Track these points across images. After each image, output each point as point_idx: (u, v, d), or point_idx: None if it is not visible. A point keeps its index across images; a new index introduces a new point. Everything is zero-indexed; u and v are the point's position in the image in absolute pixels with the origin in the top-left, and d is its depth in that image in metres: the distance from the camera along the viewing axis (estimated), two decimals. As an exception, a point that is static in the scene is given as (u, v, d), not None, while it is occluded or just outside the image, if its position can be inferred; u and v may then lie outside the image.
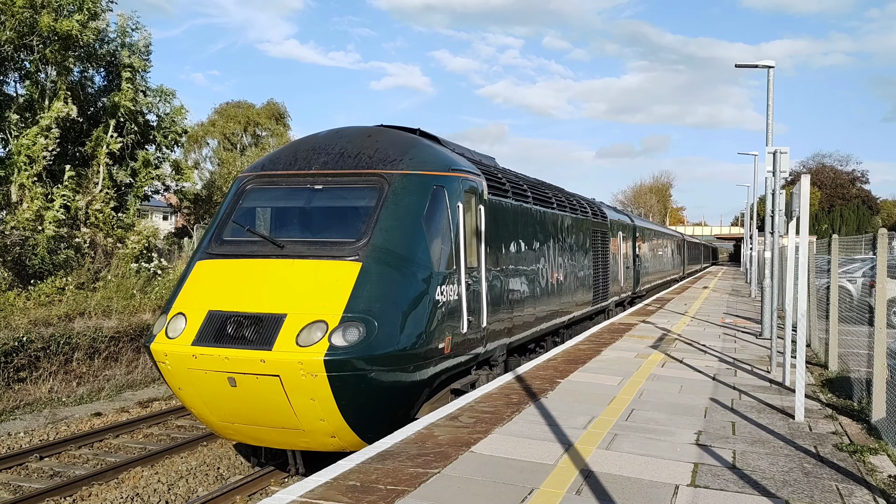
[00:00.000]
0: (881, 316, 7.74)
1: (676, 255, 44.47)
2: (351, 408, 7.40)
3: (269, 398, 7.41)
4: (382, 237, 8.02)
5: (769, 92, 18.12)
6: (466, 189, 9.44)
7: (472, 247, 9.57)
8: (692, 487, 5.72)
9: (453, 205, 8.95)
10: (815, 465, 6.40)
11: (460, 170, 9.47)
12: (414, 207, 8.41)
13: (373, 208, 8.26)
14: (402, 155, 8.83)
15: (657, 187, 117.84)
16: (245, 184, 9.21)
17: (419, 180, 8.63)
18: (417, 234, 8.29)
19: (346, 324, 7.30)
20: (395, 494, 5.41)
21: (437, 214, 8.64)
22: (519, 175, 13.68)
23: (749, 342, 14.95)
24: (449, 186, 8.96)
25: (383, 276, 7.82)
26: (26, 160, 18.75)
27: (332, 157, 8.91)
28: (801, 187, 8.44)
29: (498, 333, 10.53)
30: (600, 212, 20.03)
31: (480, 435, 7.14)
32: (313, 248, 8.08)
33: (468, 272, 9.17)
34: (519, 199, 11.92)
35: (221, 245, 8.59)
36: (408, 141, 9.36)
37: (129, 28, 22.28)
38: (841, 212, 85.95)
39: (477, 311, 9.48)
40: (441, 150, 9.73)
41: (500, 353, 10.83)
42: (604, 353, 12.76)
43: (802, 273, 9.29)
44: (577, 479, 5.84)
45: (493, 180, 10.80)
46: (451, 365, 8.74)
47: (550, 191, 15.13)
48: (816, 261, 13.63)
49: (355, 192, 8.62)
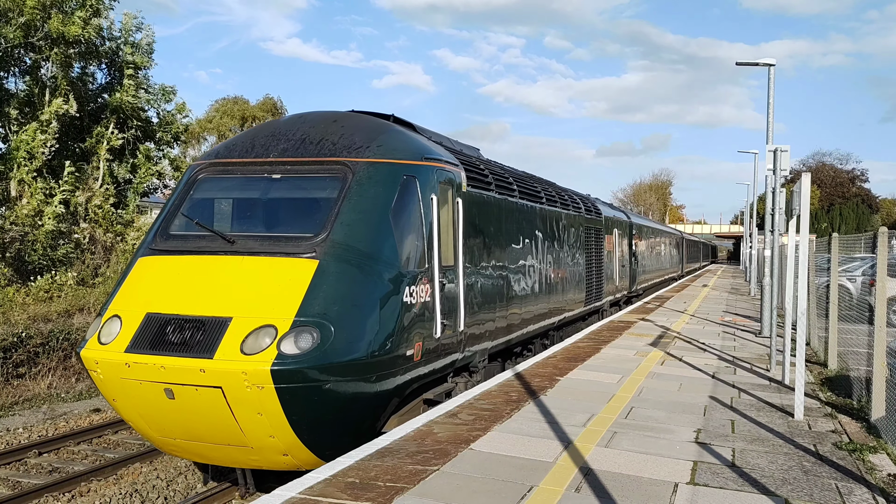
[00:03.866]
0: (881, 315, 7.74)
1: (675, 254, 44.13)
2: (304, 423, 6.74)
3: (211, 412, 6.73)
4: (343, 232, 7.32)
5: (770, 90, 18.09)
6: (442, 180, 8.70)
7: (448, 243, 8.82)
8: (691, 485, 5.72)
9: (426, 197, 8.22)
10: (815, 464, 6.40)
11: (435, 159, 8.73)
12: (380, 199, 7.68)
13: (334, 200, 7.54)
14: (369, 142, 8.10)
15: (657, 185, 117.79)
16: (197, 173, 8.44)
17: (387, 169, 7.91)
18: (383, 229, 7.57)
19: (297, 329, 6.60)
20: (394, 491, 5.41)
21: (407, 207, 7.91)
22: (504, 167, 12.97)
23: (748, 340, 14.95)
24: (421, 177, 8.23)
25: (343, 275, 7.13)
26: (26, 155, 18.74)
27: (293, 143, 8.17)
28: (802, 186, 8.43)
29: (478, 337, 9.76)
30: (594, 208, 19.40)
31: (480, 432, 7.13)
32: (266, 244, 7.36)
33: (443, 271, 8.45)
34: (503, 193, 11.22)
35: (167, 240, 7.84)
36: (377, 127, 8.64)
37: (133, 27, 22.30)
38: (840, 210, 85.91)
39: (453, 313, 8.76)
40: (414, 138, 8.98)
41: (481, 358, 10.11)
42: (603, 351, 12.76)
43: (802, 271, 9.29)
44: (576, 477, 5.83)
45: (474, 172, 10.13)
46: (423, 373, 8.03)
47: (539, 185, 14.42)
48: (816, 259, 13.62)
49: (316, 182, 7.91)
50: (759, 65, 18.83)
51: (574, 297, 16.25)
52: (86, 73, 21.87)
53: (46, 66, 19.98)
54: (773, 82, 18.12)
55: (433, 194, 8.36)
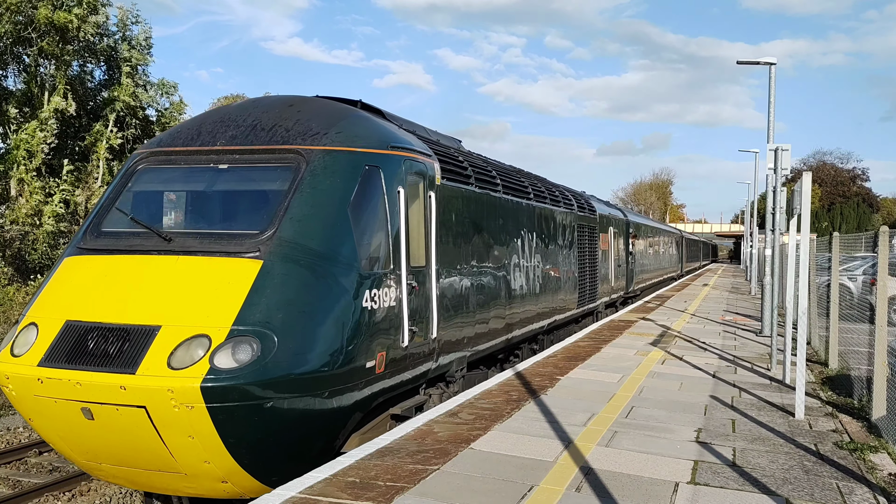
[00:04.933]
0: (882, 314, 7.73)
1: (674, 253, 43.73)
2: (244, 446, 6.00)
3: (135, 435, 5.94)
4: (293, 229, 6.57)
5: (770, 89, 18.08)
6: (412, 171, 7.96)
7: (419, 242, 8.11)
8: (692, 485, 5.71)
9: (392, 190, 7.49)
10: (816, 463, 6.39)
11: (403, 148, 7.97)
12: (337, 192, 6.94)
13: (284, 193, 6.80)
14: (327, 128, 7.36)
15: (657, 184, 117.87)
16: (137, 163, 7.62)
17: (346, 159, 7.15)
18: (340, 225, 6.82)
19: (235, 339, 5.85)
20: (394, 491, 5.40)
21: (369, 201, 7.18)
22: (488, 160, 12.20)
23: (749, 340, 14.94)
24: (387, 167, 7.49)
25: (290, 277, 6.37)
26: (25, 154, 18.75)
27: (243, 130, 7.40)
28: (803, 185, 8.42)
29: (454, 345, 9.01)
30: (588, 205, 18.65)
31: (480, 432, 7.12)
32: (206, 242, 6.58)
33: (412, 273, 7.75)
34: (485, 187, 10.46)
35: (97, 238, 7.01)
36: (337, 112, 7.87)
37: (129, 21, 22.29)
38: (841, 209, 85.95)
39: (424, 319, 8.07)
40: (380, 125, 8.22)
41: (459, 367, 9.33)
42: (604, 350, 12.75)
43: (803, 271, 9.27)
44: (576, 476, 5.82)
45: (451, 164, 9.35)
46: (388, 386, 7.31)
47: (527, 180, 13.65)
48: (817, 258, 13.61)
49: (266, 172, 7.17)
50: (760, 64, 18.82)
51: (566, 298, 15.56)
52: (84, 70, 21.88)
53: (45, 63, 19.99)
54: (773, 81, 18.11)
55: (400, 187, 7.63)
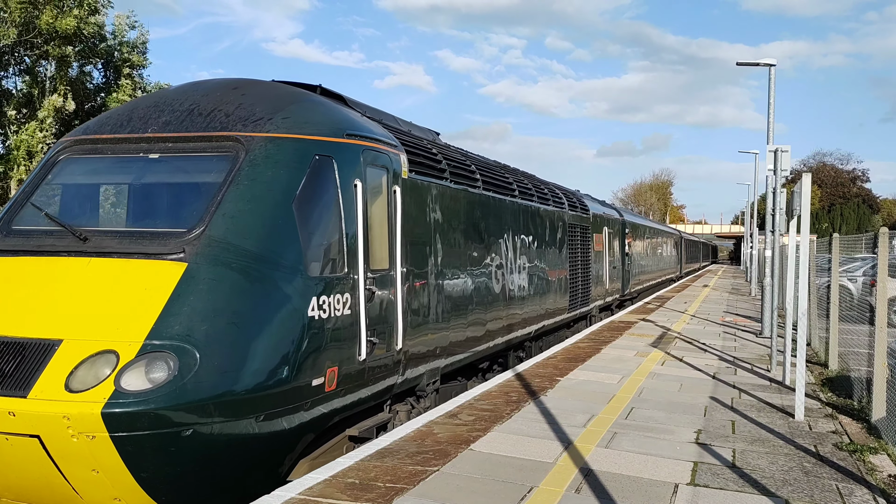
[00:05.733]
0: (882, 315, 7.73)
1: (673, 254, 43.25)
2: (161, 481, 5.19)
3: (31, 469, 5.12)
4: (225, 226, 5.79)
5: (770, 90, 18.10)
6: (372, 163, 7.19)
7: (381, 242, 7.33)
8: (692, 486, 5.71)
9: (347, 183, 6.71)
10: (815, 465, 6.39)
11: (363, 136, 7.17)
12: (280, 184, 6.16)
13: (218, 185, 6.02)
14: (272, 112, 6.59)
15: (657, 185, 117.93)
16: (59, 153, 6.84)
17: (293, 147, 6.38)
18: (282, 223, 6.05)
19: (147, 355, 5.07)
20: (394, 492, 5.40)
21: (319, 195, 6.43)
22: (468, 154, 11.40)
23: (749, 341, 14.94)
24: (342, 158, 6.72)
25: (218, 282, 5.57)
26: (25, 155, 18.78)
27: (178, 115, 6.60)
28: (803, 186, 8.42)
29: (424, 356, 8.23)
30: (581, 204, 17.82)
31: (480, 433, 7.12)
32: (125, 242, 5.79)
33: (373, 277, 6.99)
34: (462, 183, 9.69)
35: (6, 237, 6.22)
36: (286, 95, 7.09)
37: (127, 27, 22.39)
38: (841, 210, 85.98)
39: (388, 328, 7.28)
40: (337, 110, 7.39)
41: (431, 379, 8.55)
42: (604, 352, 12.75)
43: (803, 272, 9.27)
44: (576, 478, 5.82)
45: (422, 156, 8.57)
46: (342, 405, 6.55)
47: (512, 176, 12.79)
48: (817, 260, 13.61)
49: (201, 162, 6.38)
50: (760, 65, 18.85)
51: (555, 302, 14.66)
52: (83, 72, 21.94)
53: (45, 65, 20.02)
54: (773, 82, 18.13)
55: (358, 180, 6.85)
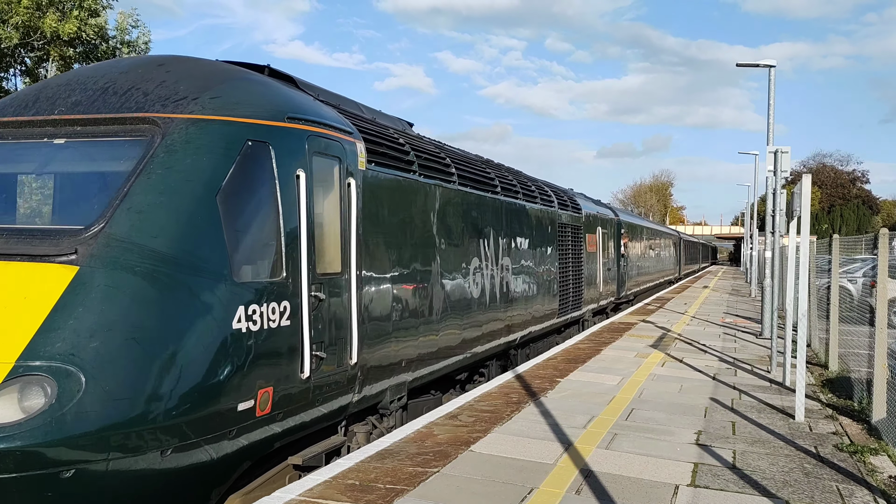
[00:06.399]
0: (882, 316, 7.73)
1: (671, 255, 42.83)
2: None
3: None
4: (130, 223, 4.95)
5: (770, 91, 18.10)
6: (321, 152, 6.34)
7: (332, 242, 6.52)
8: (692, 487, 5.71)
9: (287, 173, 5.87)
10: (816, 466, 6.39)
11: (309, 121, 6.31)
12: (202, 174, 5.31)
13: (127, 175, 5.17)
14: (199, 91, 5.71)
15: (657, 186, 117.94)
16: None
17: (220, 131, 5.53)
18: (202, 219, 5.21)
19: (20, 380, 4.27)
20: (394, 493, 5.40)
21: (252, 187, 5.63)
22: (443, 146, 10.51)
23: (749, 342, 14.94)
24: (281, 144, 5.88)
25: (116, 290, 4.69)
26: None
27: (90, 95, 5.72)
28: (803, 187, 8.43)
29: (387, 369, 7.44)
30: (572, 202, 17.00)
31: (480, 434, 7.12)
32: (12, 242, 4.95)
33: (321, 282, 6.19)
34: (433, 177, 8.84)
35: None
36: (219, 73, 6.21)
37: (129, 26, 22.36)
38: (841, 212, 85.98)
39: (339, 340, 6.48)
40: (279, 91, 6.50)
41: (396, 395, 7.77)
42: (604, 353, 12.76)
43: (803, 273, 9.28)
44: (576, 479, 5.82)
45: (384, 145, 7.72)
46: (279, 431, 5.77)
47: (495, 171, 11.96)
48: (817, 261, 13.62)
49: (110, 148, 5.51)
50: (760, 66, 18.86)
51: (543, 307, 13.83)
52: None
53: (46, 66, 20.04)
54: (773, 83, 18.13)
55: (301, 170, 6.00)
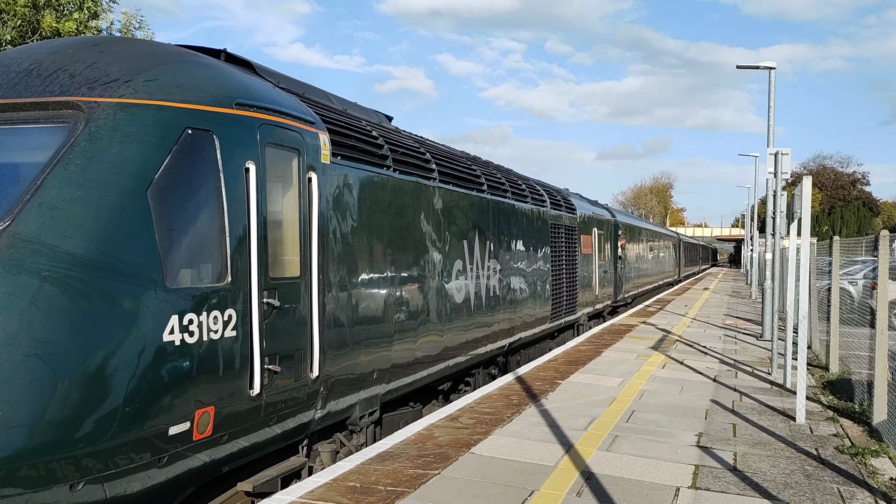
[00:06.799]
0: (882, 318, 7.73)
1: (671, 257, 42.52)
2: None
3: None
4: (40, 221, 4.40)
5: (770, 93, 18.10)
6: (276, 142, 5.80)
7: (291, 243, 6.00)
8: (693, 489, 5.71)
9: (235, 166, 5.33)
10: (817, 468, 6.39)
11: (262, 108, 5.73)
12: (130, 165, 4.73)
13: (43, 166, 4.64)
14: (134, 73, 5.11)
15: (657, 188, 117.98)
16: None
17: (153, 117, 4.95)
18: (129, 217, 4.63)
19: None
20: (394, 496, 5.40)
21: (191, 181, 5.07)
22: (423, 141, 9.91)
23: (750, 344, 14.93)
24: (227, 133, 5.33)
25: (16, 297, 4.17)
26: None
27: (12, 78, 5.18)
28: (803, 189, 8.43)
29: (355, 382, 6.90)
30: (566, 202, 16.38)
31: (480, 436, 7.12)
32: None
33: (274, 287, 5.65)
34: (411, 173, 8.29)
35: None
36: (160, 54, 5.61)
37: (134, 27, 22.35)
38: (842, 213, 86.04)
39: (297, 352, 5.94)
40: (230, 75, 5.86)
41: (367, 410, 7.23)
42: (604, 354, 12.76)
43: (803, 275, 9.28)
44: (577, 481, 5.82)
45: (353, 138, 7.16)
46: (226, 455, 5.25)
47: (482, 168, 11.39)
48: (817, 262, 13.61)
49: (29, 136, 4.96)
50: (760, 68, 18.88)
51: (535, 311, 13.26)
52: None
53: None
54: (773, 85, 18.14)
55: (251, 162, 5.46)
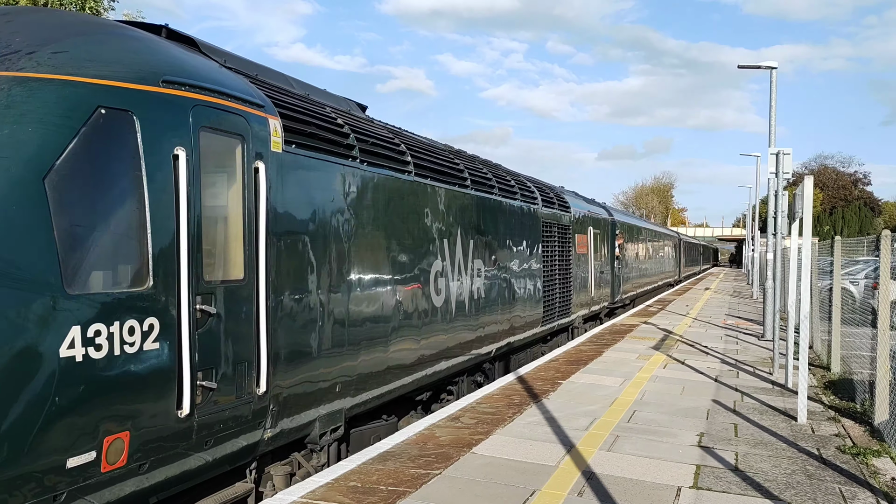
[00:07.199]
0: (884, 318, 7.72)
1: (671, 257, 42.13)
2: None
3: None
4: None
5: (772, 93, 18.09)
6: (214, 126, 5.12)
7: (232, 241, 5.35)
8: (694, 489, 5.70)
9: (160, 152, 4.66)
10: (818, 468, 6.38)
11: (196, 87, 5.04)
12: (22, 149, 4.07)
13: None
14: (39, 45, 4.52)
15: (658, 188, 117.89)
16: None
17: (56, 94, 4.31)
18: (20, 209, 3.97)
19: None
20: (396, 495, 5.40)
21: (102, 168, 4.42)
22: (399, 132, 9.17)
23: (751, 344, 14.92)
24: (151, 114, 4.65)
25: None
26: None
27: None
28: (804, 189, 8.42)
29: (313, 397, 6.22)
30: (560, 200, 15.62)
31: (482, 436, 7.12)
32: None
33: (211, 291, 5.02)
34: (382, 165, 7.60)
35: None
36: (76, 24, 5.01)
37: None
38: (843, 213, 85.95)
39: (243, 364, 5.31)
40: (158, 48, 5.13)
41: (329, 426, 6.50)
42: (605, 354, 12.75)
43: (805, 275, 9.27)
44: (578, 481, 5.82)
45: (313, 124, 6.48)
46: (147, 486, 4.60)
47: (466, 162, 10.77)
48: (819, 262, 13.60)
49: None
50: (761, 68, 18.87)
51: (525, 314, 12.61)
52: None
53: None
54: (774, 85, 18.12)
55: (181, 148, 4.79)
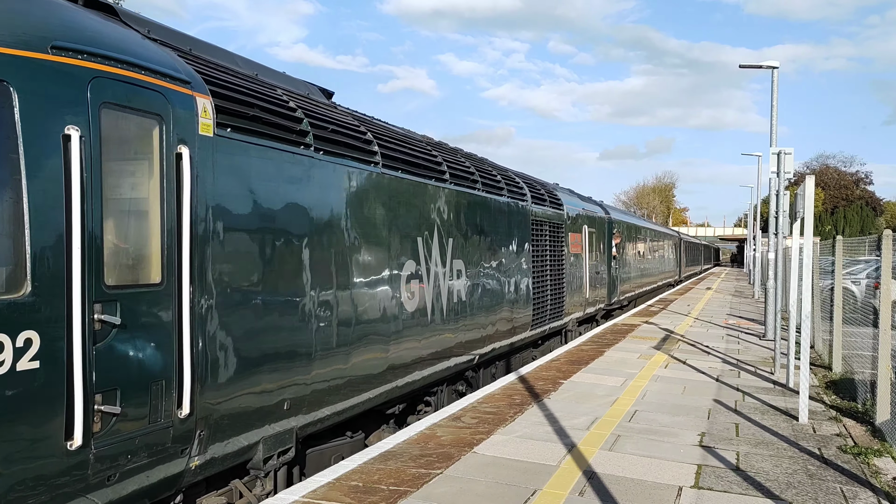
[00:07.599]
0: (886, 317, 7.72)
1: (671, 257, 41.67)
2: None
3: None
4: None
5: (773, 93, 18.09)
6: (119, 104, 4.46)
7: (145, 238, 4.73)
8: (696, 489, 5.70)
9: (44, 131, 4.02)
10: (819, 468, 6.38)
11: (97, 56, 4.39)
12: None
13: None
14: None
15: (660, 188, 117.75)
16: None
17: None
18: None
19: None
20: (397, 495, 5.40)
21: None
22: (365, 119, 8.38)
23: (752, 343, 14.91)
24: (32, 86, 3.98)
25: None
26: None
27: None
28: (806, 188, 8.42)
29: (254, 416, 5.55)
30: (552, 197, 14.82)
31: (483, 435, 7.12)
32: None
33: (114, 298, 4.37)
34: (342, 155, 6.84)
35: None
36: None
37: None
38: (844, 213, 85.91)
39: (159, 383, 4.67)
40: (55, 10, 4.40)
41: (276, 449, 5.81)
42: (607, 354, 12.75)
43: (806, 274, 9.26)
44: (580, 481, 5.82)
45: (256, 106, 5.77)
46: None
47: (446, 154, 10.01)
48: (820, 262, 13.60)
49: None
50: (763, 67, 18.87)
51: (512, 318, 11.81)
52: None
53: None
54: (776, 85, 18.13)
55: (73, 128, 4.16)
